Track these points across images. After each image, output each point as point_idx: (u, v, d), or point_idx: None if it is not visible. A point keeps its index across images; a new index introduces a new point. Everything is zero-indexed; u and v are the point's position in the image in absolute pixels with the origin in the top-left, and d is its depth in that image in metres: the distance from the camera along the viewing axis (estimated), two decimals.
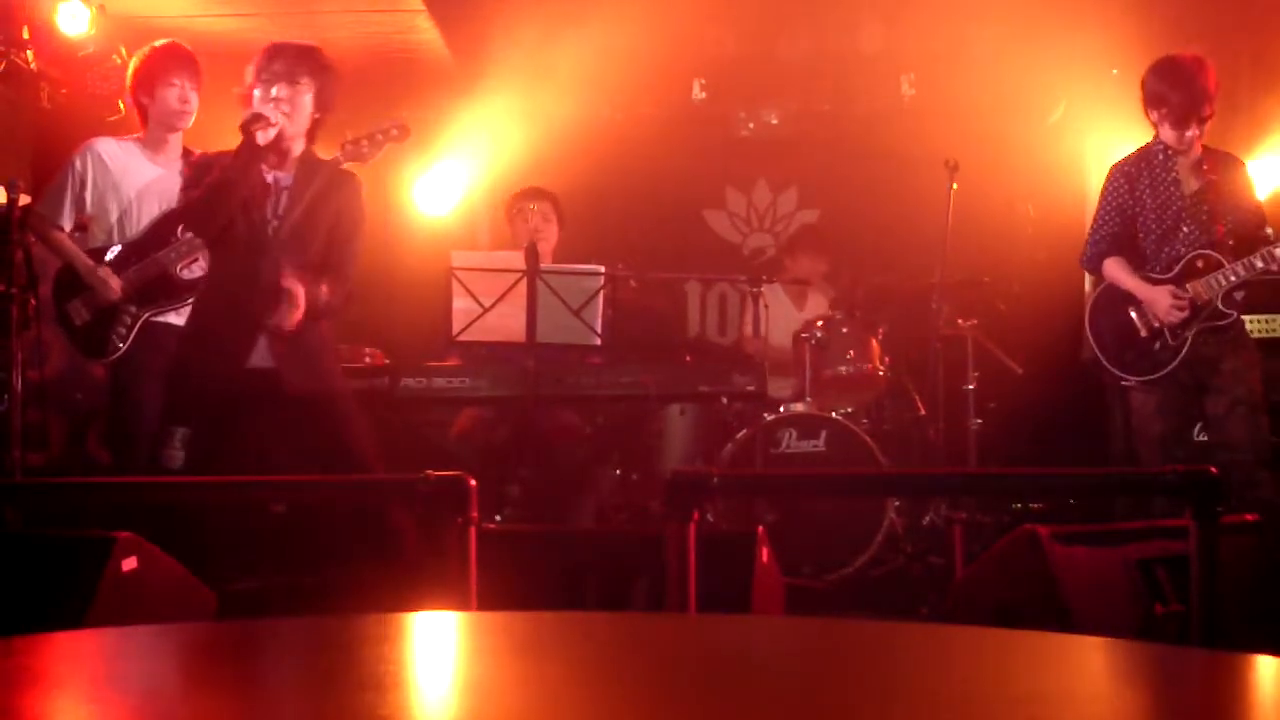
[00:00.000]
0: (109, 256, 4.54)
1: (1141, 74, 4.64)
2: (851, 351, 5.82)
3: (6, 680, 1.36)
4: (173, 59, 4.59)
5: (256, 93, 4.09)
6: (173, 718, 1.25)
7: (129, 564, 3.08)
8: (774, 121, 7.30)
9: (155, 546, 3.22)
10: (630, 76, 6.66)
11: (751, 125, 7.33)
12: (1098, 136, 6.62)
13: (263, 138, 4.01)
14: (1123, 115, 5.64)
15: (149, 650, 1.59)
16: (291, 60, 4.09)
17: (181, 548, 3.37)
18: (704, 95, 7.09)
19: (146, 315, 4.53)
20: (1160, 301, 4.52)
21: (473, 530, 2.86)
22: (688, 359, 6.26)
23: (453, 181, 7.14)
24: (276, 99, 4.04)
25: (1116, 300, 4.65)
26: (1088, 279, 5.65)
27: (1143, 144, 4.70)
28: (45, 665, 1.46)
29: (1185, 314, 4.48)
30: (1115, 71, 6.41)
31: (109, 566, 3.02)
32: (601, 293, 4.82)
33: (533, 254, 4.74)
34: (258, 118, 4.00)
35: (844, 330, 5.84)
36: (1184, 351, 4.49)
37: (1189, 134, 4.51)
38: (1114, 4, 5.90)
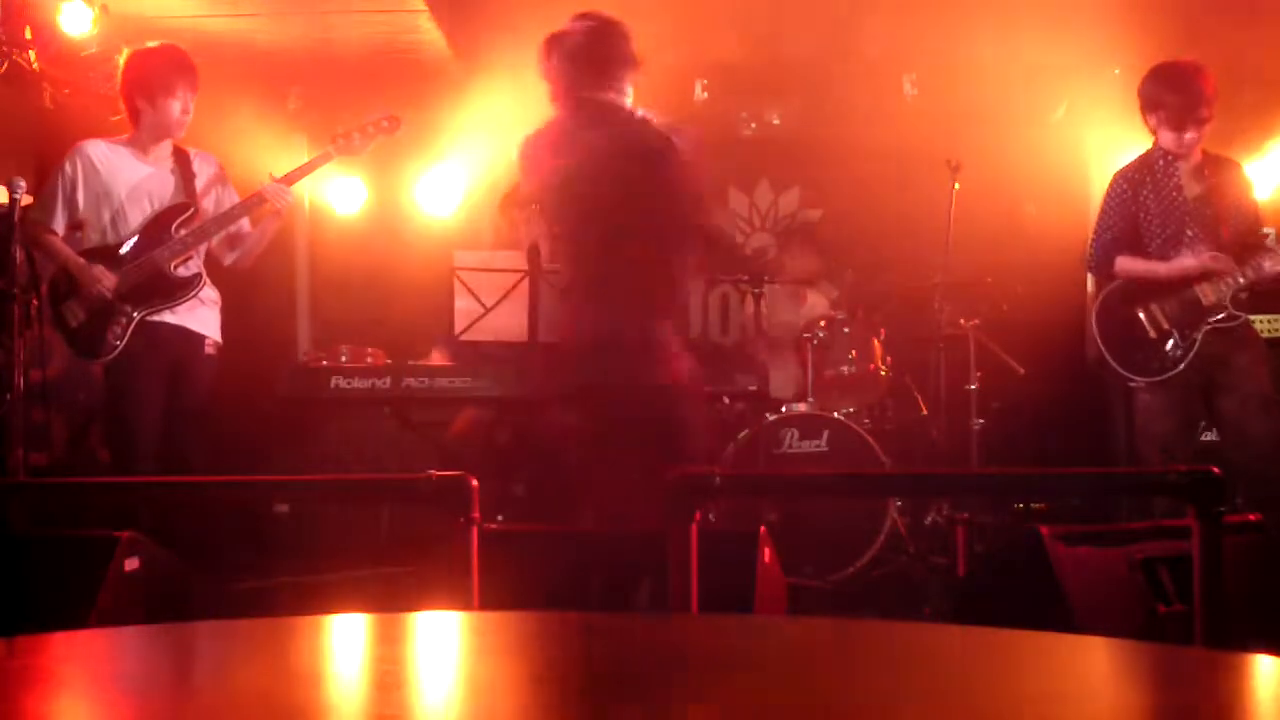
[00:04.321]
0: (124, 250, 4.54)
1: (1144, 74, 4.64)
2: (854, 351, 5.81)
3: (10, 680, 1.36)
4: (177, 69, 4.57)
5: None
6: (175, 717, 1.25)
7: (131, 564, 3.09)
8: (776, 121, 7.28)
9: (158, 546, 3.22)
10: (632, 76, 6.63)
11: (754, 125, 7.31)
12: (1100, 136, 6.60)
13: None
14: (1125, 115, 5.63)
15: (152, 650, 1.59)
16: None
17: (184, 547, 3.38)
18: (706, 95, 7.07)
19: (142, 315, 4.52)
20: (1197, 262, 4.48)
21: (475, 530, 2.86)
22: None
23: (455, 181, 7.13)
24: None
25: (1124, 301, 4.64)
26: (1090, 278, 5.64)
27: (1143, 150, 4.70)
28: (48, 665, 1.46)
29: (1223, 263, 4.45)
30: (1117, 71, 6.40)
31: (112, 566, 3.03)
32: None
33: (535, 254, 4.73)
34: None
35: (846, 330, 5.83)
36: (1194, 351, 4.48)
37: (1187, 137, 4.50)
38: (1116, 4, 5.88)
